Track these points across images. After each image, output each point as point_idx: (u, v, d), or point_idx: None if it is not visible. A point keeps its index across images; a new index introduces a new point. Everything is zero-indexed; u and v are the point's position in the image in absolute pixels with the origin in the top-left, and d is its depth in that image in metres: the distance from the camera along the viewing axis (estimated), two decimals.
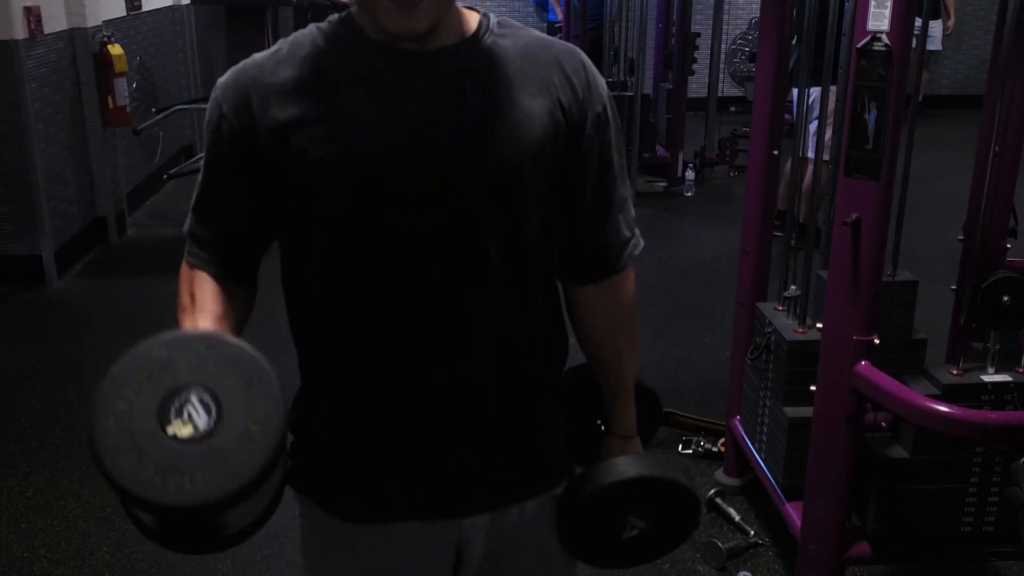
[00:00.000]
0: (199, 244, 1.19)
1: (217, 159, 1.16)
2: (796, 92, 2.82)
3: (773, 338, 2.50)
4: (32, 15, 4.47)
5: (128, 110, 5.26)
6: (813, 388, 2.15)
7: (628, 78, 6.63)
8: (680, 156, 6.54)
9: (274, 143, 1.09)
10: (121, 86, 5.13)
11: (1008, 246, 2.49)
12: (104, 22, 5.22)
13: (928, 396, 2.01)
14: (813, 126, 3.52)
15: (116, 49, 5.12)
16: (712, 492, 2.80)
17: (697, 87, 7.40)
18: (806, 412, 2.26)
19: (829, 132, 2.71)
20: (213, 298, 1.16)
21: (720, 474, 2.92)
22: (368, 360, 1.16)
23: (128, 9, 5.73)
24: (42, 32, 4.58)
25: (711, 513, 2.76)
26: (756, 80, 2.70)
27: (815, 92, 3.63)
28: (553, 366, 1.29)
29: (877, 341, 2.02)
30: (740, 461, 2.83)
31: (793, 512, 2.36)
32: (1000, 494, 2.18)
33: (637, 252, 1.29)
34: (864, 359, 2.02)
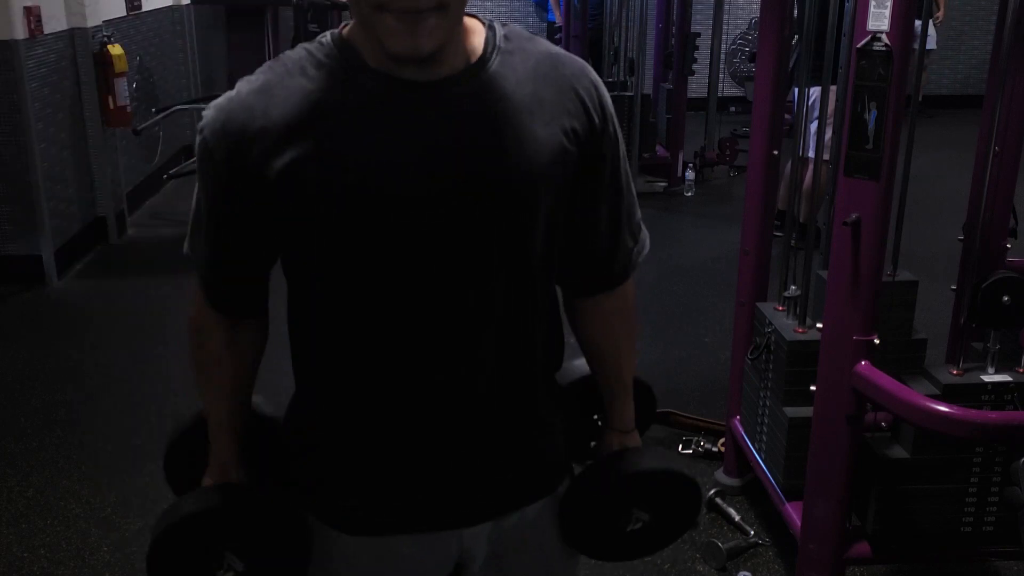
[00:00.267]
0: (205, 285, 1.20)
1: (212, 205, 1.13)
2: (796, 92, 2.82)
3: (773, 338, 2.50)
4: (32, 15, 4.47)
5: (128, 110, 5.26)
6: (813, 388, 2.15)
7: (628, 78, 6.64)
8: (680, 156, 6.54)
9: (271, 186, 1.06)
10: (121, 86, 5.14)
11: (1008, 246, 2.49)
12: (104, 22, 5.22)
13: (928, 396, 2.00)
14: (814, 126, 3.52)
15: (116, 49, 5.12)
16: (712, 492, 2.80)
17: (697, 87, 7.40)
18: (806, 412, 2.26)
19: (829, 132, 2.71)
20: (227, 367, 1.23)
21: (720, 474, 2.92)
22: (368, 364, 1.15)
23: (128, 9, 5.73)
24: (42, 32, 4.58)
25: (711, 513, 2.76)
26: (756, 80, 2.70)
27: (815, 92, 3.63)
28: (552, 366, 1.29)
29: (877, 341, 2.02)
30: (740, 461, 2.83)
31: (793, 512, 2.36)
32: (1000, 494, 2.18)
33: (644, 255, 1.28)
34: (864, 359, 2.02)
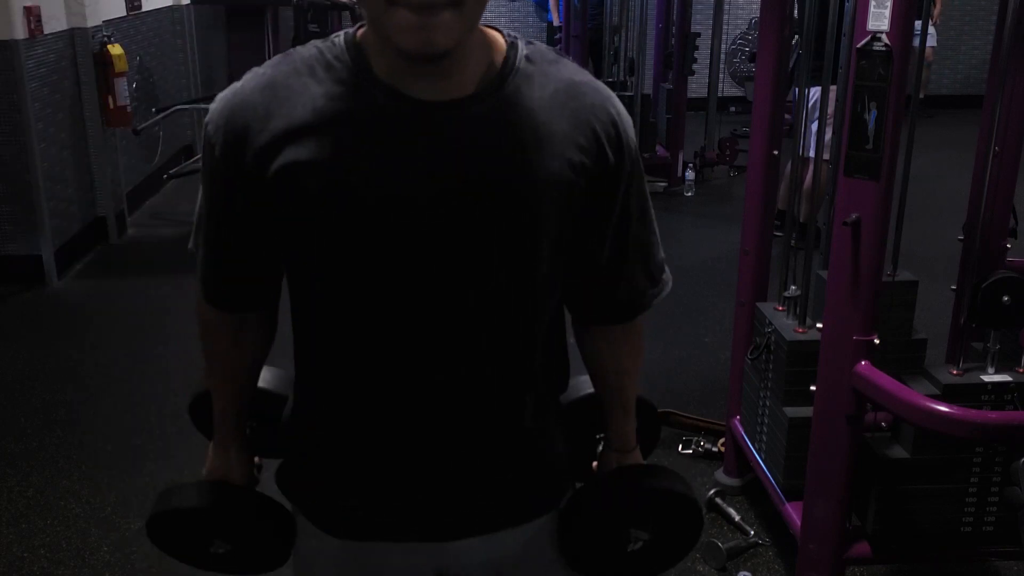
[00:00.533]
0: (207, 284, 1.19)
1: (212, 201, 1.13)
2: (796, 92, 2.82)
3: (773, 338, 2.50)
4: (32, 15, 4.47)
5: (128, 110, 5.26)
6: (813, 388, 2.15)
7: (628, 78, 6.64)
8: (680, 156, 6.54)
9: (269, 186, 1.05)
10: (121, 86, 5.14)
11: (1008, 246, 2.49)
12: (104, 22, 5.22)
13: (928, 396, 2.01)
14: (814, 126, 3.52)
15: (116, 49, 5.12)
16: (712, 492, 2.80)
17: (697, 87, 7.40)
18: (806, 412, 2.26)
19: (829, 132, 2.71)
20: (230, 359, 1.25)
21: (720, 474, 2.92)
22: (368, 362, 1.14)
23: (128, 9, 5.73)
24: (42, 32, 4.58)
25: (711, 513, 2.76)
26: (756, 80, 2.70)
27: (815, 92, 3.63)
28: (555, 386, 1.27)
29: (877, 341, 2.02)
30: (740, 461, 2.83)
31: (793, 512, 2.36)
32: (1000, 494, 2.18)
33: (662, 297, 1.26)
34: (864, 359, 2.02)
